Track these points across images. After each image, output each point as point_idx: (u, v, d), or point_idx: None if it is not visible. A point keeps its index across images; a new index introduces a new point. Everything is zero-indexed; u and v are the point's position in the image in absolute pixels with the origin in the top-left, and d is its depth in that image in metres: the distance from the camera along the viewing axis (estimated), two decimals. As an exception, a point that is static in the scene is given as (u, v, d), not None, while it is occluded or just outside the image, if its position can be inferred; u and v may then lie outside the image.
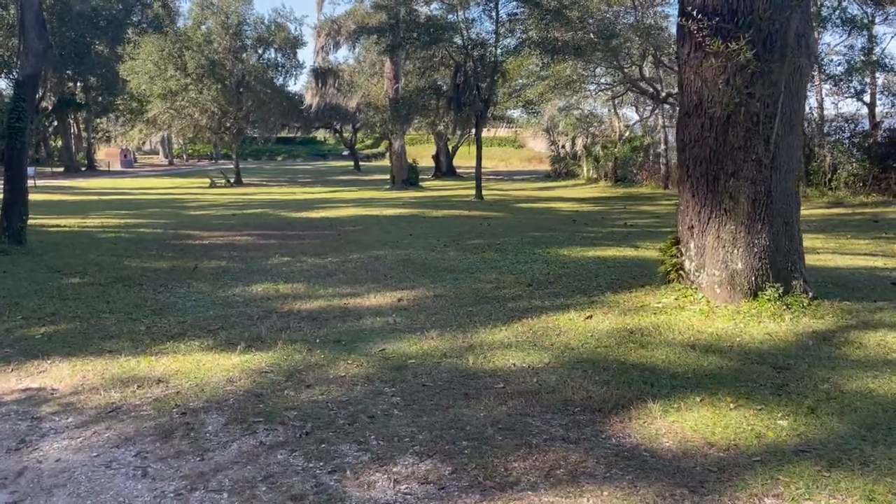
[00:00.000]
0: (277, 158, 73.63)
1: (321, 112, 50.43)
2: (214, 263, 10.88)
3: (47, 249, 11.92)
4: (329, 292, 8.58)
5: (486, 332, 6.57)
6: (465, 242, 12.85)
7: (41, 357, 6.30)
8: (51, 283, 9.29)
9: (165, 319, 7.40)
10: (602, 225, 16.98)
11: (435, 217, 18.67)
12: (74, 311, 7.84)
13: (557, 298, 7.84)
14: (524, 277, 9.17)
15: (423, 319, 7.12)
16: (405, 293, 8.39)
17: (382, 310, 7.61)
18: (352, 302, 8.01)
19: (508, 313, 7.25)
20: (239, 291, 8.74)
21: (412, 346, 6.19)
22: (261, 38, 43.61)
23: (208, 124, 41.04)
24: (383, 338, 6.49)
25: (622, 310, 7.12)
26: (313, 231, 15.67)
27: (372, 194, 30.45)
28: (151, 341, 6.65)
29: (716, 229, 7.10)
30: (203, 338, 6.72)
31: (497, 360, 5.70)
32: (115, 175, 48.39)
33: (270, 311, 7.63)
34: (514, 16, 25.46)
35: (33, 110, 11.71)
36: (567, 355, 5.76)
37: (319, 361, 5.86)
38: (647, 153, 36.86)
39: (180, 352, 6.30)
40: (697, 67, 6.93)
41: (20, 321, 7.52)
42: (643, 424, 4.37)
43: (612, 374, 5.25)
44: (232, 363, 5.92)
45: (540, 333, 6.44)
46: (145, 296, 8.52)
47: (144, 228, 15.68)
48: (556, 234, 14.18)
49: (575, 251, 11.45)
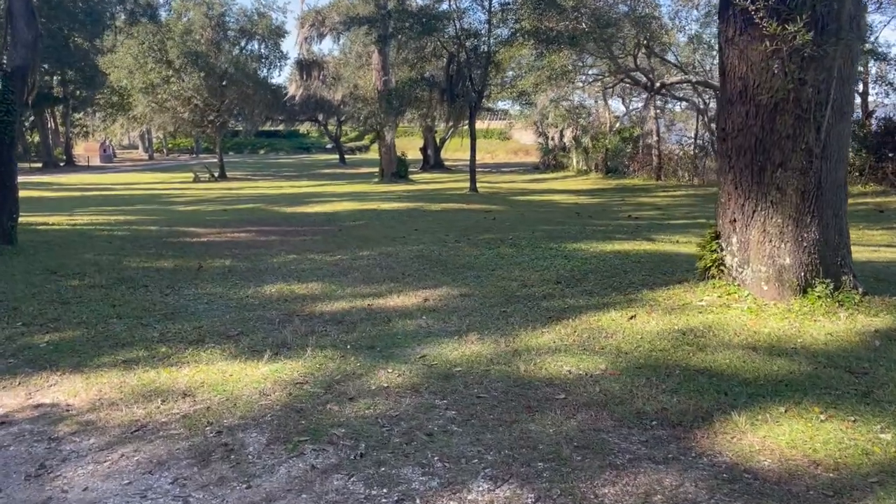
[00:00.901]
0: (260, 152, 72.69)
1: (305, 105, 49.74)
2: (219, 262, 10.39)
3: (40, 249, 11.36)
4: (348, 292, 8.15)
5: (527, 334, 6.18)
6: (475, 237, 12.45)
7: (50, 368, 5.83)
8: (49, 285, 8.78)
9: (179, 324, 6.94)
10: (606, 217, 16.66)
11: (435, 211, 18.25)
12: (79, 316, 7.35)
13: (592, 297, 7.48)
14: (549, 274, 8.80)
15: (456, 321, 6.72)
16: (429, 292, 7.99)
17: (410, 311, 7.20)
18: (375, 303, 7.59)
19: (545, 313, 6.87)
20: (252, 292, 8.28)
21: (453, 351, 5.79)
22: (243, 30, 42.82)
23: (191, 117, 40.26)
24: (419, 342, 6.09)
25: (665, 309, 6.76)
26: (313, 227, 15.20)
27: (362, 188, 29.93)
28: (168, 349, 6.20)
29: (761, 223, 6.75)
30: (224, 344, 6.28)
31: (549, 366, 5.32)
32: (94, 170, 47.37)
33: (291, 314, 7.20)
34: (506, 5, 25.03)
35: (23, 103, 11.14)
36: (623, 360, 5.39)
37: (356, 370, 5.45)
38: (636, 144, 36.64)
39: (202, 361, 5.86)
40: (743, 51, 6.57)
41: (21, 328, 7.03)
42: (732, 440, 4.01)
43: (679, 382, 4.88)
44: (261, 373, 5.49)
45: (586, 336, 6.06)
46: (153, 298, 8.04)
47: (137, 226, 15.11)
48: (566, 228, 13.82)
49: (591, 245, 11.09)
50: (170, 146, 71.47)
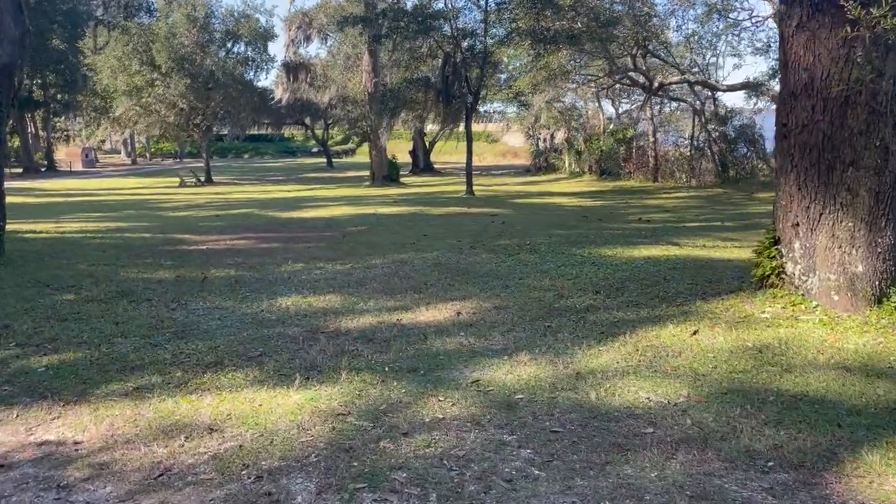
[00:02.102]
0: (244, 156, 71.68)
1: (292, 108, 48.99)
2: (223, 272, 9.72)
3: (29, 260, 10.62)
4: (371, 306, 7.52)
5: (583, 353, 5.58)
6: (490, 243, 11.85)
7: (51, 397, 5.16)
8: (42, 300, 8.07)
9: (192, 344, 6.28)
10: (617, 221, 16.12)
11: (438, 215, 17.64)
12: (79, 335, 6.67)
13: (640, 308, 6.90)
14: (583, 283, 8.22)
15: (499, 338, 6.12)
16: (459, 305, 7.37)
17: (444, 326, 6.58)
18: (404, 317, 6.97)
19: (595, 328, 6.28)
20: (266, 306, 7.63)
21: (507, 374, 5.18)
22: (229, 32, 41.97)
23: (176, 121, 39.38)
24: (465, 364, 5.47)
25: (728, 322, 6.19)
26: (313, 232, 14.53)
27: (355, 191, 29.27)
28: (184, 374, 5.54)
29: (829, 227, 6.21)
30: (246, 368, 5.63)
31: (622, 392, 4.73)
32: (77, 175, 46.29)
33: (315, 331, 6.55)
34: (502, 4, 24.47)
35: (10, 104, 10.40)
36: (703, 384, 4.81)
37: (402, 398, 4.83)
38: (629, 146, 36.21)
39: (224, 387, 5.21)
40: (810, 40, 6.02)
41: (15, 349, 6.34)
42: (871, 485, 3.43)
43: (779, 411, 4.31)
44: (294, 402, 4.86)
45: (650, 355, 5.48)
46: (159, 314, 7.36)
47: (130, 233, 14.37)
48: (581, 232, 13.25)
49: (616, 251, 10.54)
50: (153, 151, 70.21)
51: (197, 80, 36.76)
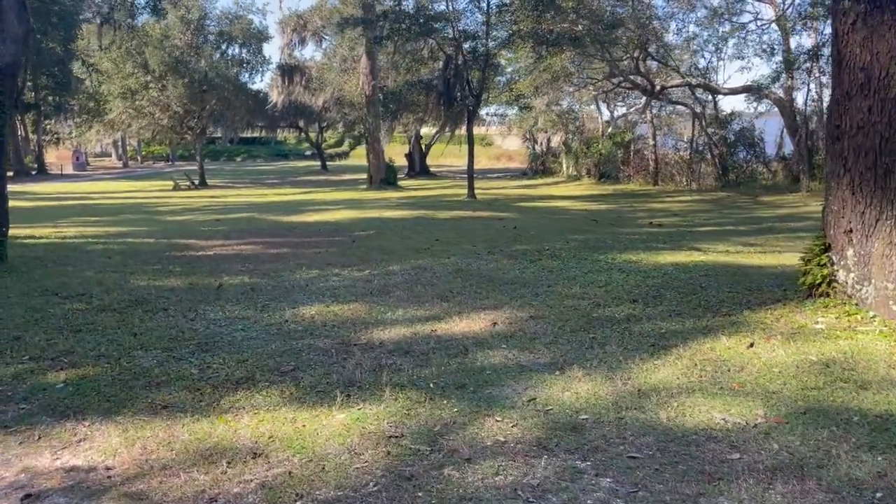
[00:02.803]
0: (237, 159, 71.08)
1: (286, 110, 48.60)
2: (237, 280, 9.38)
3: (32, 266, 10.24)
4: (400, 315, 7.20)
5: (638, 368, 5.29)
6: (507, 249, 11.55)
7: (74, 417, 4.82)
8: (52, 309, 7.71)
9: (219, 357, 5.94)
10: (628, 225, 15.87)
11: (445, 219, 17.33)
12: (96, 347, 6.32)
13: (685, 319, 6.62)
14: (616, 291, 7.93)
15: (544, 351, 5.81)
16: (493, 314, 7.07)
17: (482, 337, 6.27)
18: (438, 327, 6.66)
19: (643, 340, 5.99)
20: (290, 316, 7.29)
21: (563, 391, 4.87)
22: (223, 33, 41.58)
23: (170, 124, 38.94)
24: (515, 379, 5.17)
25: (783, 334, 5.91)
26: (321, 237, 14.19)
27: (353, 195, 28.89)
28: (214, 390, 5.21)
29: (887, 233, 5.95)
30: (280, 384, 5.30)
31: (693, 412, 4.43)
32: (68, 178, 45.66)
33: (347, 343, 6.23)
34: (503, 6, 24.21)
35: (13, 104, 10.03)
36: (777, 403, 4.52)
37: (456, 418, 4.51)
38: (627, 149, 36.02)
39: (261, 406, 4.89)
40: (868, 38, 5.76)
41: (29, 363, 5.98)
42: None
43: (868, 434, 4.02)
44: (339, 423, 4.54)
45: (710, 369, 5.19)
46: (178, 324, 7.02)
47: (132, 238, 13.98)
48: (598, 237, 12.98)
49: (640, 257, 10.27)
50: (144, 154, 69.55)
51: (191, 82, 36.34)
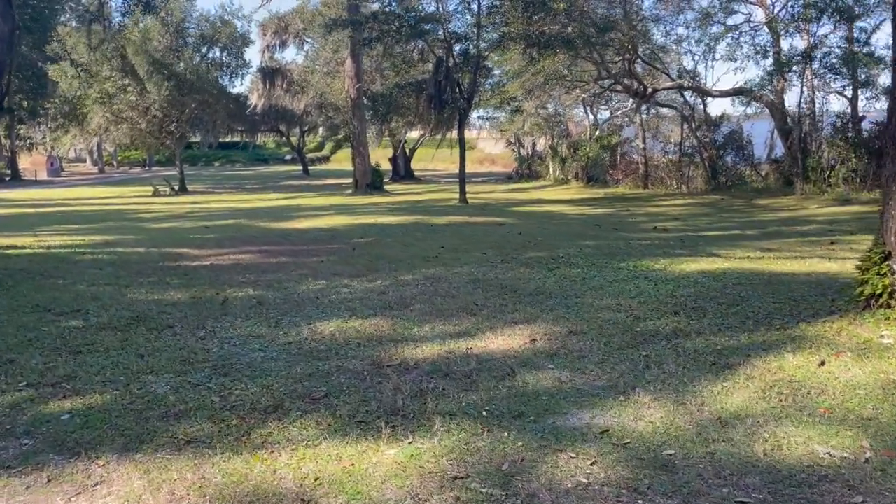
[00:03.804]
0: (215, 164, 70.02)
1: (267, 114, 47.87)
2: (242, 292, 8.83)
3: (19, 280, 9.60)
4: (428, 331, 6.71)
5: (708, 391, 4.85)
6: (520, 256, 11.10)
7: (87, 455, 4.29)
8: (46, 328, 7.12)
9: (240, 382, 5.41)
10: (632, 230, 15.51)
11: (443, 225, 16.85)
12: (100, 371, 5.76)
13: (738, 333, 6.20)
14: (652, 302, 7.51)
15: (596, 371, 5.36)
16: (528, 329, 6.61)
17: (524, 356, 5.80)
18: (473, 345, 6.18)
19: (701, 358, 5.56)
20: (308, 333, 6.78)
21: (635, 420, 4.42)
22: (204, 36, 40.81)
23: (149, 128, 38.08)
24: (576, 405, 4.70)
25: (851, 350, 5.51)
26: (319, 245, 13.65)
27: (341, 200, 28.31)
28: (241, 422, 4.70)
29: (956, 242, 5.59)
30: (314, 412, 4.79)
31: (789, 444, 3.99)
32: (43, 185, 44.55)
33: (378, 365, 5.73)
34: (494, 8, 23.81)
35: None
36: (880, 433, 4.09)
37: (523, 454, 4.04)
38: (614, 152, 35.81)
39: (297, 439, 4.38)
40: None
41: (26, 390, 5.41)
42: None
43: None
44: (392, 461, 4.04)
45: (788, 392, 4.76)
46: (187, 344, 6.47)
47: (121, 247, 13.33)
48: (608, 243, 12.58)
49: (662, 264, 9.87)
50: (120, 159, 68.27)
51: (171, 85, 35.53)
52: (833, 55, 23.69)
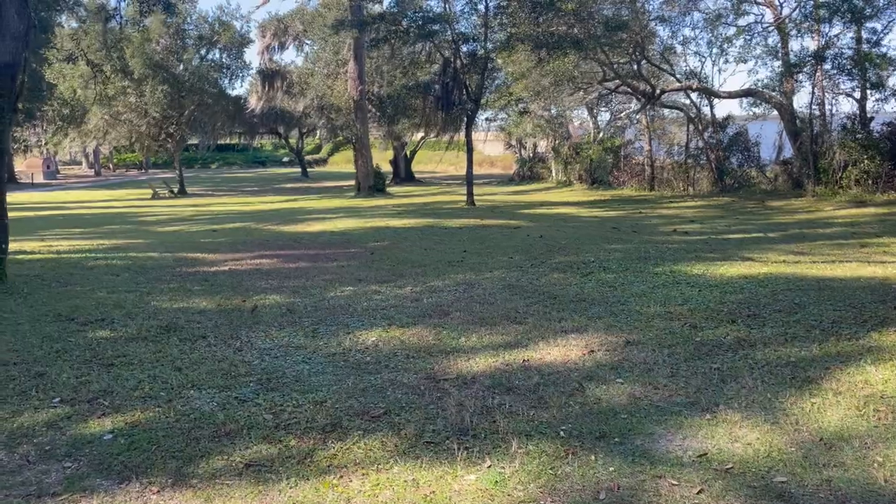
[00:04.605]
0: (212, 166, 69.60)
1: (266, 116, 47.55)
2: (270, 299, 8.50)
3: (35, 287, 9.24)
4: (476, 342, 6.40)
5: (798, 409, 4.55)
6: (548, 260, 10.80)
7: (138, 479, 3.98)
8: (72, 338, 6.78)
9: (290, 398, 5.09)
10: (652, 233, 15.23)
11: (457, 228, 16.54)
12: (137, 386, 5.43)
13: (807, 343, 5.91)
14: (702, 309, 7.21)
15: (670, 386, 5.05)
16: (580, 339, 6.30)
17: (587, 369, 5.50)
18: (528, 356, 5.87)
19: (776, 371, 5.27)
20: (349, 344, 6.46)
21: (730, 441, 4.11)
22: (203, 37, 40.38)
23: (148, 131, 37.72)
24: (660, 424, 4.40)
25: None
26: (334, 248, 13.32)
27: (345, 202, 28.03)
28: (300, 442, 4.38)
29: None
30: (377, 432, 4.48)
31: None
32: (40, 188, 44.15)
33: (434, 378, 5.42)
34: (501, 9, 23.52)
35: (12, 108, 9.06)
36: None
37: (617, 480, 3.73)
38: (617, 154, 35.57)
39: (364, 462, 4.07)
40: None
41: (61, 406, 5.09)
42: None
43: None
44: (475, 488, 3.73)
45: (885, 409, 4.46)
46: (225, 355, 6.14)
47: (133, 252, 12.98)
48: (635, 247, 12.27)
49: (698, 269, 9.58)
50: (116, 161, 67.75)
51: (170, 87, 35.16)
52: (844, 56, 23.49)
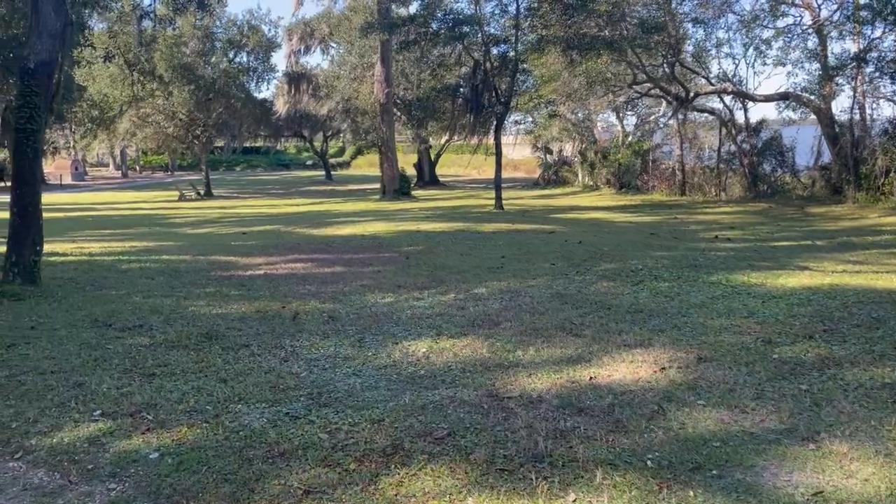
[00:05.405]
0: (237, 169, 69.93)
1: (290, 119, 47.50)
2: (309, 305, 8.20)
3: (69, 290, 9.01)
4: (535, 355, 6.03)
5: (905, 435, 4.16)
6: (593, 267, 10.41)
7: (197, 507, 3.66)
8: (110, 345, 6.50)
9: (344, 415, 4.74)
10: (693, 239, 14.76)
11: (491, 232, 16.17)
12: (182, 399, 5.12)
13: (897, 362, 5.49)
14: (772, 323, 6.79)
15: (760, 410, 4.63)
16: (647, 355, 5.90)
17: (662, 388, 5.10)
18: (594, 373, 5.47)
19: (873, 394, 4.84)
20: (399, 355, 6.12)
21: (845, 478, 3.70)
22: (232, 41, 40.42)
23: (175, 133, 37.79)
24: (760, 455, 3.99)
25: None
26: (367, 253, 13.01)
27: (371, 205, 27.79)
28: (359, 465, 4.05)
29: None
30: (443, 456, 4.12)
31: None
32: (68, 189, 44.43)
33: (496, 396, 5.05)
34: (532, 10, 23.12)
35: (49, 108, 8.85)
36: None
37: (723, 517, 3.36)
38: (645, 158, 34.99)
39: (436, 493, 3.71)
40: None
41: (102, 420, 4.79)
42: None
43: None
44: (565, 523, 3.38)
45: None
46: (271, 366, 5.83)
47: (165, 255, 12.76)
48: (681, 254, 11.83)
49: (756, 278, 9.14)
50: (143, 163, 68.22)
51: (197, 89, 35.20)
52: (886, 59, 22.82)
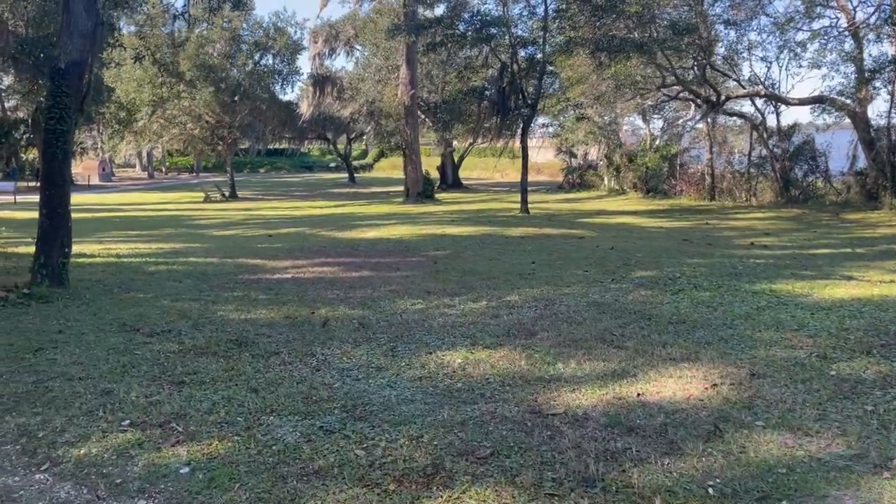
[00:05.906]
0: (261, 171, 70.29)
1: (314, 121, 47.53)
2: (339, 311, 8.00)
3: (97, 293, 8.90)
4: (576, 368, 5.76)
5: None
6: (626, 274, 10.12)
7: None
8: (138, 351, 6.35)
9: (381, 430, 4.52)
10: (728, 245, 14.40)
11: (518, 237, 15.91)
12: (212, 409, 4.93)
13: (966, 381, 5.17)
14: (825, 336, 6.46)
15: (824, 433, 4.33)
16: (696, 370, 5.62)
17: (715, 407, 4.81)
18: (641, 389, 5.19)
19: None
20: (434, 366, 5.88)
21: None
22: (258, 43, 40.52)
23: (201, 134, 37.95)
24: (831, 484, 3.70)
25: None
26: (394, 257, 12.82)
27: (395, 208, 27.57)
28: (399, 486, 3.83)
29: None
30: (487, 478, 3.88)
31: None
32: (96, 189, 44.77)
33: (539, 413, 4.80)
34: (562, 11, 22.81)
35: (79, 108, 8.75)
36: None
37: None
38: (672, 162, 34.48)
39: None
40: None
41: (131, 430, 4.62)
42: None
43: None
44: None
45: None
46: (302, 376, 5.62)
47: (193, 257, 12.65)
48: (718, 261, 11.50)
49: (800, 288, 8.80)
50: (168, 165, 68.76)
51: (224, 91, 35.29)
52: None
